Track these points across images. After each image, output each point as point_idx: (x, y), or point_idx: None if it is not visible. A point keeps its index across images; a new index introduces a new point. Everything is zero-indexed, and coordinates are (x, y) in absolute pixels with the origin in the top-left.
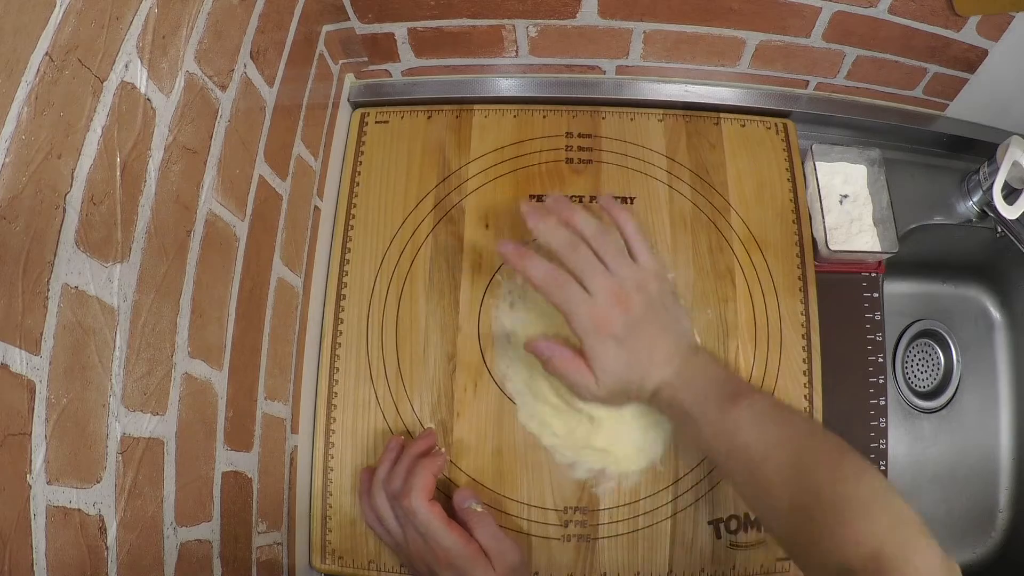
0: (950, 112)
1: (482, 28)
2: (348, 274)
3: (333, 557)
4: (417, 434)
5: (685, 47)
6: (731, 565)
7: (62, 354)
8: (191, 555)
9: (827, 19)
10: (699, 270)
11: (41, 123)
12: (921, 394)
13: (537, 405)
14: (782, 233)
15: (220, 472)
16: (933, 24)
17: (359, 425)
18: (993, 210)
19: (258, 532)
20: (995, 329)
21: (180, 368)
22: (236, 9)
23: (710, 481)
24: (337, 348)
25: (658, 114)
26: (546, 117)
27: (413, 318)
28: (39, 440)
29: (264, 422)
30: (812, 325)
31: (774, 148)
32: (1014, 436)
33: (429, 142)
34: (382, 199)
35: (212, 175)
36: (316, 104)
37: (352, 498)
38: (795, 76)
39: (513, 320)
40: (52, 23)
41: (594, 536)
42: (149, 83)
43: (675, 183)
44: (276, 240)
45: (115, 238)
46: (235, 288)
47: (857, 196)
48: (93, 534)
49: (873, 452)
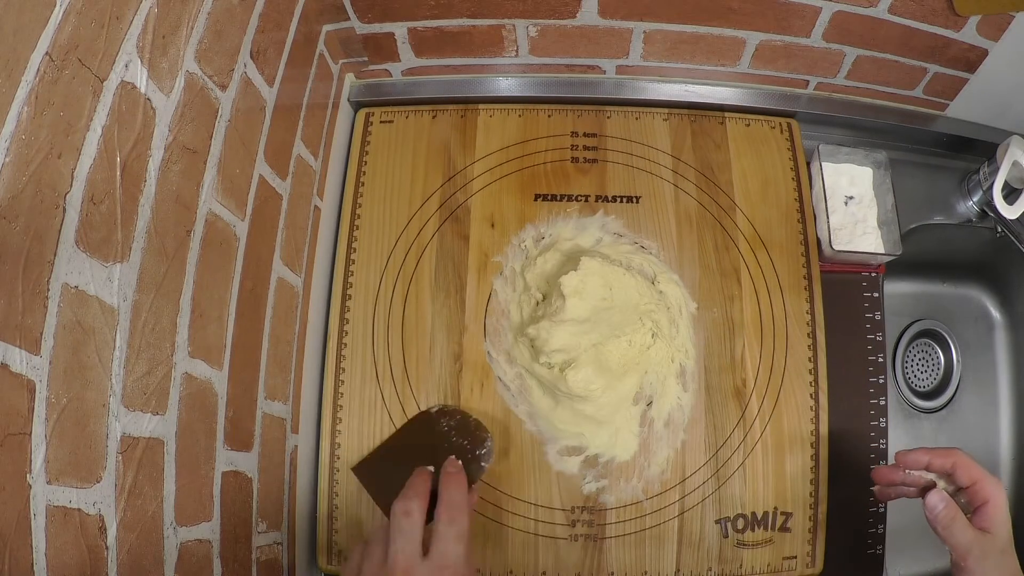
0: (950, 112)
1: (482, 28)
2: (353, 274)
3: (340, 558)
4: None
5: (685, 47)
6: (738, 564)
7: (62, 354)
8: (191, 555)
9: (827, 19)
10: (705, 269)
11: (41, 123)
12: (921, 394)
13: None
14: (787, 232)
15: (220, 472)
16: (933, 24)
17: (365, 426)
18: (993, 210)
19: (258, 532)
20: (995, 329)
21: (180, 368)
22: (236, 9)
23: (717, 480)
24: (343, 349)
25: (663, 113)
26: (551, 116)
27: (419, 318)
28: (39, 440)
29: (264, 422)
30: (817, 324)
31: (779, 147)
32: (1014, 436)
33: (434, 142)
34: (387, 199)
35: (212, 175)
36: (316, 104)
37: (358, 498)
38: (795, 76)
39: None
40: (52, 23)
41: (601, 536)
42: (149, 83)
43: (680, 182)
44: (276, 240)
45: (115, 238)
46: (235, 288)
47: (862, 198)
48: (93, 534)
49: (873, 452)
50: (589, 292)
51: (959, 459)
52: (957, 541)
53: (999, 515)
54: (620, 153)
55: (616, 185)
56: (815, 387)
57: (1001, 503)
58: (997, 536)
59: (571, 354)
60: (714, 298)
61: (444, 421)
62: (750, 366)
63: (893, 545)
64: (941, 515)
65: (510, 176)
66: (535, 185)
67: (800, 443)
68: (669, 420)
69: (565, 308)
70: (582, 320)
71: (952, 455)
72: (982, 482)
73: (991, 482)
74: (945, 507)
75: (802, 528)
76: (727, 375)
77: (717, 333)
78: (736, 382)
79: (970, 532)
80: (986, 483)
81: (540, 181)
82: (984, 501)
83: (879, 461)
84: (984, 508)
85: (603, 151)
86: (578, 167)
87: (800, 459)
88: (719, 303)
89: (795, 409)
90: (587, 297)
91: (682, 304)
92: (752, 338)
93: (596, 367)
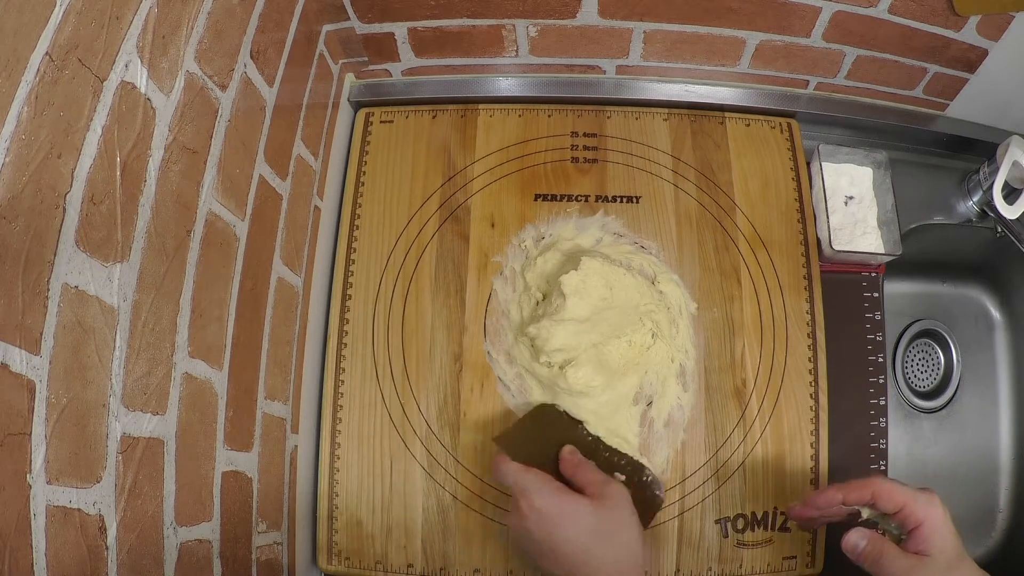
0: (950, 112)
1: (482, 28)
2: (353, 274)
3: (340, 558)
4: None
5: (685, 47)
6: (738, 564)
7: (62, 354)
8: (191, 555)
9: (827, 19)
10: (705, 269)
11: (41, 123)
12: (921, 394)
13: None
14: (787, 232)
15: (220, 472)
16: (933, 24)
17: (365, 426)
18: (993, 210)
19: (258, 532)
20: (995, 329)
21: (180, 368)
22: (236, 9)
23: (717, 480)
24: (343, 349)
25: (663, 113)
26: (551, 116)
27: (419, 318)
28: (39, 440)
29: (264, 422)
30: (817, 324)
31: (779, 147)
32: (1014, 436)
33: (434, 142)
34: (387, 198)
35: (212, 175)
36: (316, 104)
37: (358, 498)
38: (795, 76)
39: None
40: (52, 23)
41: None
42: (149, 83)
43: (681, 182)
44: (276, 240)
45: (115, 238)
46: (235, 288)
47: (862, 198)
48: (93, 534)
49: (873, 452)
50: (589, 292)
51: (878, 487)
52: (891, 574)
53: (935, 535)
54: (620, 153)
55: (616, 185)
56: (815, 387)
57: (937, 522)
58: (937, 556)
59: (571, 354)
60: (714, 298)
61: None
62: (750, 366)
63: None
64: (865, 553)
65: (510, 176)
66: (535, 185)
67: (800, 443)
68: (669, 420)
69: (565, 307)
70: (582, 320)
71: (869, 485)
72: (910, 505)
73: (921, 501)
74: (867, 544)
75: None
76: (727, 375)
77: (717, 333)
78: (736, 382)
79: (903, 561)
80: (915, 505)
81: (540, 181)
82: (917, 524)
83: (879, 461)
84: (918, 531)
85: (603, 151)
86: (578, 167)
87: (800, 459)
88: (719, 303)
89: (795, 409)
90: (587, 297)
91: (682, 304)
92: (752, 338)
93: (596, 366)
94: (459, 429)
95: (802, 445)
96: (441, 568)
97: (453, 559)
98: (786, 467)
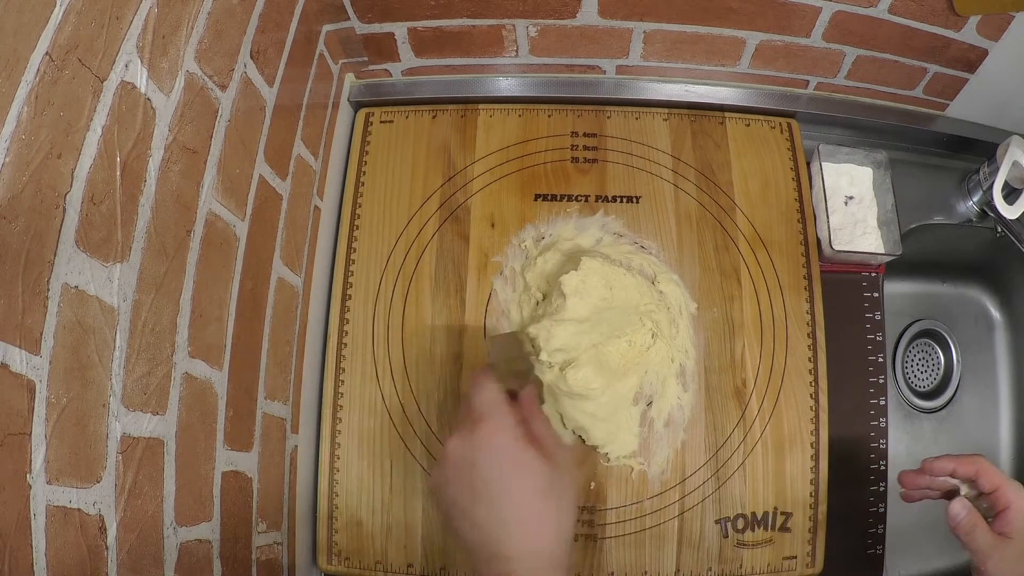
0: (950, 112)
1: (482, 28)
2: (353, 274)
3: (340, 558)
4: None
5: (685, 47)
6: (738, 564)
7: (62, 354)
8: (191, 555)
9: (827, 19)
10: (705, 269)
11: (41, 123)
12: (921, 394)
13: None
14: (787, 232)
15: (220, 472)
16: (933, 24)
17: (365, 426)
18: (993, 210)
19: (258, 532)
20: (995, 329)
21: (180, 368)
22: (236, 9)
23: (717, 480)
24: (343, 348)
25: (663, 113)
26: (551, 116)
27: (419, 318)
28: (39, 440)
29: (264, 422)
30: (817, 324)
31: (779, 148)
32: (1014, 436)
33: (434, 142)
34: (387, 198)
35: (212, 175)
36: (316, 104)
37: (358, 498)
38: (795, 76)
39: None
40: (52, 23)
41: (601, 536)
42: (149, 83)
43: (680, 182)
44: (276, 240)
45: (115, 238)
46: (235, 288)
47: (862, 198)
48: (93, 534)
49: (873, 452)
50: (590, 292)
51: (982, 466)
52: (977, 546)
53: (1019, 520)
54: (620, 153)
55: (616, 185)
56: (815, 387)
57: (1021, 508)
58: (1017, 540)
59: (571, 354)
60: (714, 298)
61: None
62: (750, 366)
63: (893, 545)
64: (963, 522)
65: (510, 176)
66: (535, 185)
67: (800, 443)
68: (669, 420)
69: (566, 307)
70: (582, 320)
71: (976, 462)
72: (1003, 488)
73: (1013, 488)
74: (967, 515)
75: (802, 528)
76: (727, 375)
77: (717, 333)
78: (736, 382)
79: (990, 537)
80: (1007, 489)
81: (540, 181)
82: (1005, 506)
83: (879, 461)
84: (1004, 513)
85: (603, 151)
86: (578, 167)
87: (800, 459)
88: (719, 303)
89: (795, 409)
90: (588, 297)
91: (682, 304)
92: (752, 338)
93: (596, 367)
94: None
95: (802, 445)
96: (441, 568)
97: (453, 559)
98: (786, 467)
